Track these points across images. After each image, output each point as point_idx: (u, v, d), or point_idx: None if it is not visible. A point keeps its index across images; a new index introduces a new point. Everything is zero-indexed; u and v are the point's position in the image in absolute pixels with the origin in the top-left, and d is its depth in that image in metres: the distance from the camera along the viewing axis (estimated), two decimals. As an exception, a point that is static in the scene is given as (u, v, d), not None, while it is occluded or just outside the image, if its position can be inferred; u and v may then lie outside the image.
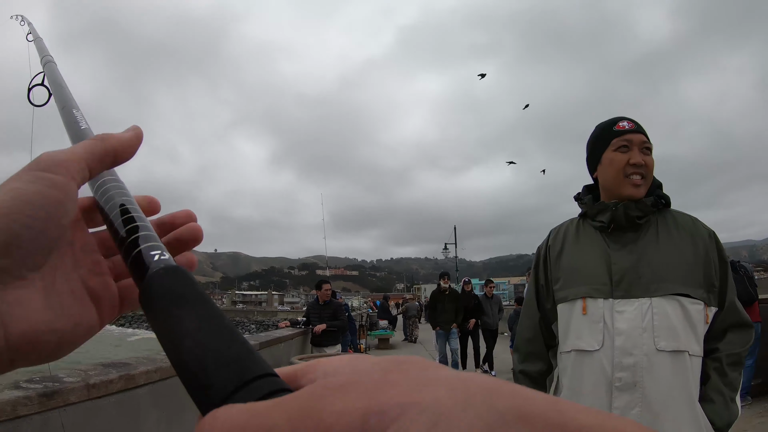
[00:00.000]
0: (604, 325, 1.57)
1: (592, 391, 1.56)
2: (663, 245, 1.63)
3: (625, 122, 1.73)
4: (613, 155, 1.71)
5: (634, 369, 1.50)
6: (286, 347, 6.48)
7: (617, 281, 1.60)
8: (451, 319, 9.97)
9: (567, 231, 1.83)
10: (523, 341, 1.86)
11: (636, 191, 1.66)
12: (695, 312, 1.56)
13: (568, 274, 1.72)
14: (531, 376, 1.79)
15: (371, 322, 18.99)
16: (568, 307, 1.68)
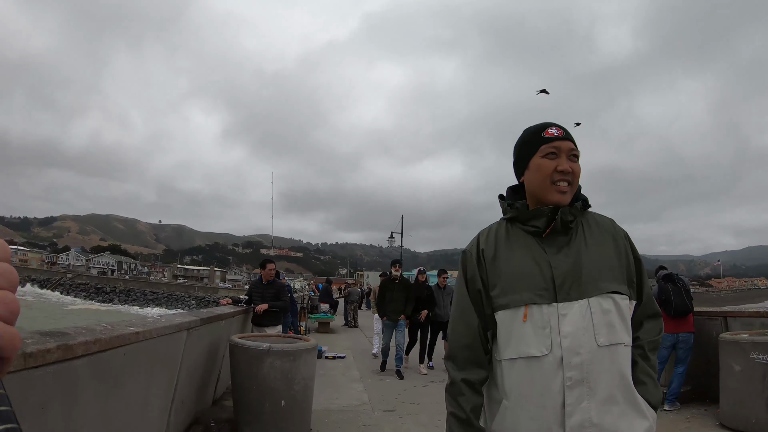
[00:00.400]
0: (550, 330, 1.59)
1: (542, 392, 1.58)
2: (591, 247, 1.69)
3: (553, 129, 1.74)
4: (541, 161, 1.72)
5: (581, 366, 1.56)
6: (227, 325, 6.36)
7: (560, 285, 1.63)
8: (399, 309, 9.44)
9: (497, 234, 1.80)
10: (461, 348, 1.76)
11: (562, 198, 1.69)
12: (625, 307, 1.66)
13: (506, 280, 1.70)
14: (473, 385, 1.72)
15: (312, 305, 18.93)
16: (510, 315, 1.66)
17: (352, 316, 19.98)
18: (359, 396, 7.35)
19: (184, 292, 68.82)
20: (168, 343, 3.99)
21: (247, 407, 4.96)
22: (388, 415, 6.32)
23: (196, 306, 51.20)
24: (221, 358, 6.08)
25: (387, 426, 5.78)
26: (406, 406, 6.76)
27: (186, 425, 4.96)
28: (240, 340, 5.16)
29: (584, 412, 1.55)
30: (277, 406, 4.87)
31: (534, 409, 1.60)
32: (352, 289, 21.32)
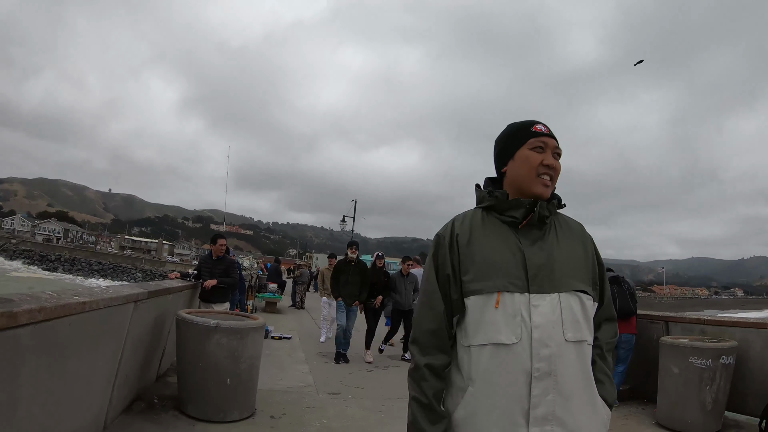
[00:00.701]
0: (521, 319, 1.61)
1: (510, 382, 1.59)
2: (563, 245, 1.75)
3: (541, 126, 1.82)
4: (528, 153, 1.78)
5: (550, 359, 1.59)
6: (175, 299, 6.25)
7: (532, 276, 1.65)
8: (353, 294, 9.17)
9: (473, 221, 1.81)
10: (425, 333, 1.76)
11: (545, 191, 1.76)
12: (589, 307, 1.72)
13: (480, 266, 1.70)
14: (436, 370, 1.71)
15: (260, 284, 18.80)
16: (482, 301, 1.66)
17: (300, 298, 19.93)
18: (304, 378, 7.35)
19: (131, 265, 67.34)
20: (115, 315, 3.91)
21: (192, 384, 4.90)
22: (332, 397, 6.34)
23: (143, 279, 50.23)
24: (167, 333, 5.98)
25: (331, 408, 5.80)
26: (350, 390, 6.80)
27: (129, 401, 4.88)
28: (187, 315, 5.08)
29: (549, 405, 1.58)
30: (222, 384, 4.83)
31: (499, 398, 1.60)
32: (303, 270, 21.25)
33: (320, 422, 5.24)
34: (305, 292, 20.48)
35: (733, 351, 5.60)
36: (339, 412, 5.72)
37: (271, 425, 4.97)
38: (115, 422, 4.41)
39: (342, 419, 5.44)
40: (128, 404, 4.87)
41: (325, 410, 5.71)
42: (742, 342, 5.87)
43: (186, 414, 4.88)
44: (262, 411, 5.32)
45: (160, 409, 4.99)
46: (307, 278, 21.65)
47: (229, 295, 8.03)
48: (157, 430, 4.47)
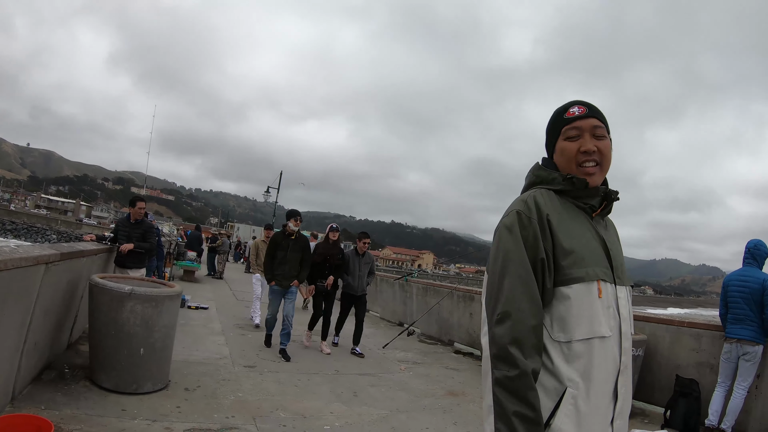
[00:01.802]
0: (613, 311, 1.54)
1: (605, 378, 1.49)
2: (614, 236, 1.71)
3: (575, 108, 1.66)
4: (564, 145, 1.64)
5: (628, 352, 1.57)
6: (88, 263, 6.02)
7: (615, 267, 1.59)
8: (292, 274, 7.72)
9: (553, 203, 1.58)
10: (529, 330, 1.43)
11: (590, 179, 1.60)
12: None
13: (579, 252, 1.52)
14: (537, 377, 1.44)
15: (179, 252, 18.36)
16: (584, 289, 1.49)
17: (221, 268, 19.63)
18: (220, 349, 7.28)
19: (46, 225, 64.62)
20: (23, 277, 3.75)
21: (104, 353, 4.76)
22: (248, 370, 6.32)
23: (57, 241, 48.08)
24: (80, 298, 5.76)
25: (246, 381, 5.79)
26: (266, 363, 6.79)
27: (38, 369, 4.71)
28: (101, 280, 4.90)
29: (624, 398, 1.56)
30: (135, 353, 4.72)
31: (599, 398, 1.49)
32: (224, 239, 20.90)
33: (235, 395, 5.22)
34: (225, 263, 20.16)
35: (642, 344, 5.99)
36: (254, 385, 5.71)
37: (185, 397, 4.91)
38: (23, 393, 4.26)
39: (257, 393, 5.45)
40: (38, 373, 4.70)
41: (240, 383, 5.69)
42: (651, 336, 6.29)
43: (97, 385, 4.75)
44: (176, 383, 5.25)
45: (71, 380, 4.84)
46: (227, 248, 21.30)
47: (145, 260, 7.81)
48: (67, 402, 4.33)
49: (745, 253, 5.55)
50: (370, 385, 6.34)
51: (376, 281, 14.91)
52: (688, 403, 5.67)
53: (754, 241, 5.58)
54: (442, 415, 5.52)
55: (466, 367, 8.28)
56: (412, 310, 11.87)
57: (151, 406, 4.55)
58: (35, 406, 4.07)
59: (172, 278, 15.04)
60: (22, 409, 3.93)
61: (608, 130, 1.66)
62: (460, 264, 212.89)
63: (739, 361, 5.29)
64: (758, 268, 5.46)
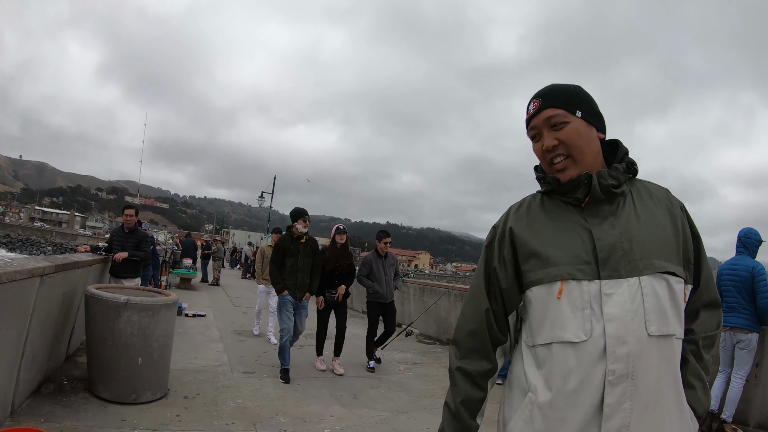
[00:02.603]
0: (591, 312, 1.36)
1: (578, 388, 1.34)
2: (643, 218, 1.45)
3: (531, 105, 1.54)
4: (534, 147, 1.55)
5: (628, 359, 1.32)
6: (84, 274, 6.00)
7: (603, 259, 1.38)
8: (304, 283, 6.69)
9: (531, 207, 1.57)
10: (465, 334, 1.57)
11: (562, 175, 1.48)
12: (680, 291, 1.41)
13: (545, 253, 1.45)
14: (471, 375, 1.53)
15: (175, 260, 18.34)
16: (544, 291, 1.43)
17: (217, 274, 19.61)
18: (218, 356, 7.27)
19: (41, 237, 64.52)
20: (19, 290, 3.75)
21: (102, 364, 4.74)
22: (247, 376, 6.32)
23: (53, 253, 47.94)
24: (76, 310, 5.76)
25: (245, 387, 5.78)
26: (265, 369, 6.79)
27: (37, 382, 4.69)
28: (96, 291, 4.89)
29: (625, 415, 1.31)
30: (133, 363, 4.71)
31: (565, 409, 1.36)
32: (219, 246, 20.89)
33: (235, 402, 5.21)
34: (220, 269, 20.14)
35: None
36: (254, 391, 5.71)
37: (185, 405, 4.91)
38: (23, 406, 4.25)
39: (257, 398, 5.44)
40: (37, 386, 4.69)
41: (240, 389, 5.68)
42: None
43: (97, 396, 4.74)
44: (175, 391, 5.24)
45: (70, 391, 4.83)
46: (223, 254, 21.28)
47: (140, 270, 7.79)
48: (67, 414, 4.32)
49: (737, 242, 5.61)
50: (369, 387, 6.34)
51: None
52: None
53: (744, 229, 5.63)
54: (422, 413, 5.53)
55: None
56: (410, 311, 11.88)
57: (150, 415, 4.55)
58: (35, 420, 4.06)
59: (169, 286, 15.01)
60: (21, 423, 3.92)
61: (577, 107, 1.49)
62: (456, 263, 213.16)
63: (734, 350, 5.33)
64: (749, 256, 5.51)
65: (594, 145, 1.50)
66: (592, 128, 1.50)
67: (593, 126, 1.51)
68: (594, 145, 1.50)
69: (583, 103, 1.51)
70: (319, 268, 6.90)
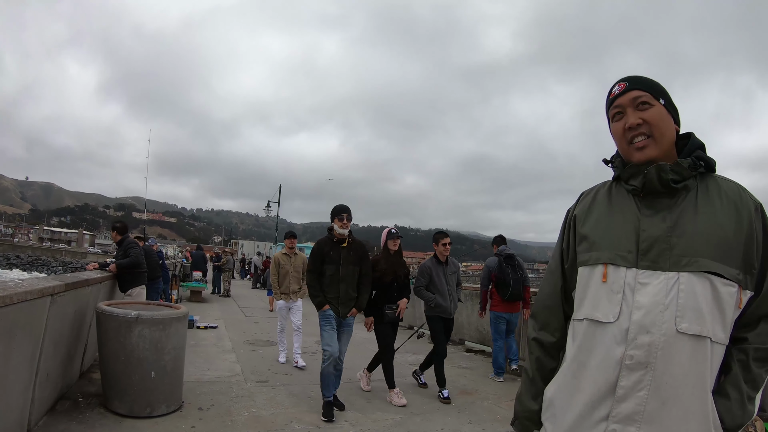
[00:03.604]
0: (623, 297, 1.42)
1: (598, 365, 1.43)
2: (702, 215, 1.44)
3: (616, 87, 1.60)
4: (614, 127, 1.59)
5: (649, 348, 1.36)
6: (94, 291, 6.05)
7: (644, 250, 1.43)
8: (351, 297, 5.58)
9: (598, 193, 1.65)
10: (542, 308, 1.71)
11: (641, 154, 1.51)
12: (727, 294, 1.38)
13: (593, 237, 1.55)
14: (545, 346, 1.67)
15: (185, 273, 18.40)
16: (587, 272, 1.53)
17: (228, 285, 19.65)
18: (231, 367, 7.29)
19: (51, 257, 64.89)
20: (30, 310, 3.78)
21: (115, 379, 4.78)
22: (260, 385, 6.33)
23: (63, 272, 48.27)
24: (88, 327, 5.80)
25: (259, 396, 5.80)
26: (278, 377, 6.81)
27: (52, 400, 4.73)
28: (107, 307, 4.93)
29: (639, 403, 1.36)
30: (146, 377, 4.74)
31: (585, 382, 1.46)
32: (229, 257, 20.96)
33: (249, 411, 5.23)
34: (230, 280, 20.18)
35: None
36: (268, 399, 5.73)
37: (199, 417, 4.93)
38: (39, 424, 4.28)
39: (271, 407, 5.46)
40: (52, 404, 4.72)
41: (254, 399, 5.70)
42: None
43: (112, 411, 4.77)
44: (189, 403, 5.27)
45: (85, 408, 4.86)
46: (232, 265, 21.34)
47: (139, 278, 7.88)
48: (83, 430, 4.36)
49: None
50: (383, 390, 6.34)
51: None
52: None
53: None
54: (456, 414, 5.54)
55: (478, 365, 8.30)
56: (421, 313, 11.81)
57: (165, 428, 4.58)
58: (51, 437, 4.10)
59: (180, 300, 15.06)
60: (38, 441, 3.95)
61: (660, 95, 1.55)
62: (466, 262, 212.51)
63: None
64: None
65: (671, 133, 1.55)
66: (670, 118, 1.56)
67: (672, 117, 1.57)
68: (671, 133, 1.55)
69: (665, 94, 1.57)
70: (369, 279, 5.77)
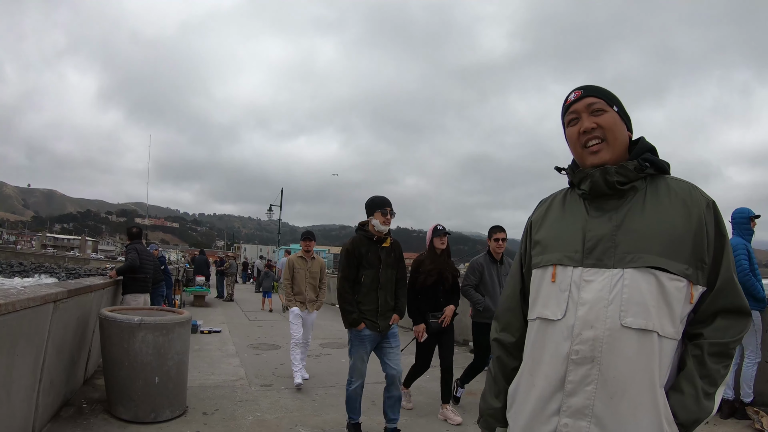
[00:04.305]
0: (569, 294, 1.48)
1: (548, 361, 1.48)
2: (649, 213, 1.48)
3: (572, 94, 1.66)
4: (569, 132, 1.64)
5: (593, 343, 1.40)
6: (97, 297, 6.05)
7: (589, 249, 1.48)
8: (388, 307, 4.73)
9: (554, 200, 1.73)
10: (504, 310, 1.79)
11: (595, 157, 1.57)
12: (674, 289, 1.41)
13: (545, 241, 1.63)
14: (506, 346, 1.74)
15: (188, 278, 18.40)
16: (539, 274, 1.61)
17: (231, 290, 19.65)
18: (235, 371, 7.28)
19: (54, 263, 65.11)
20: (33, 317, 3.78)
21: (119, 385, 4.77)
22: (265, 389, 6.32)
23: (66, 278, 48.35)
24: (92, 333, 5.80)
25: (264, 400, 5.79)
26: (283, 380, 6.79)
27: (56, 407, 4.73)
28: (110, 313, 4.93)
29: (587, 396, 1.40)
30: (150, 382, 4.73)
31: (538, 377, 1.51)
32: (232, 262, 20.97)
33: (254, 415, 5.22)
34: (233, 285, 20.19)
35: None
36: (272, 403, 5.71)
37: (204, 422, 4.92)
38: (43, 431, 4.28)
39: (276, 411, 5.45)
40: (56, 411, 4.72)
41: (258, 403, 5.69)
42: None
43: (116, 417, 4.77)
44: (194, 408, 5.26)
45: (90, 414, 4.86)
46: (235, 270, 21.34)
47: (142, 285, 7.88)
48: (86, 435, 4.34)
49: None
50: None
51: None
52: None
53: (735, 210, 5.64)
54: (462, 415, 5.52)
55: (482, 366, 8.27)
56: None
57: (170, 433, 4.57)
58: (56, 444, 4.09)
59: (183, 305, 15.07)
60: (43, 448, 3.95)
61: (614, 103, 1.61)
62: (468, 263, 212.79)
63: None
64: (737, 235, 5.55)
65: (624, 138, 1.61)
66: (623, 124, 1.62)
67: (625, 123, 1.63)
68: (624, 138, 1.61)
69: (619, 102, 1.64)
70: (405, 282, 5.02)
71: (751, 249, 5.42)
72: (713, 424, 5.21)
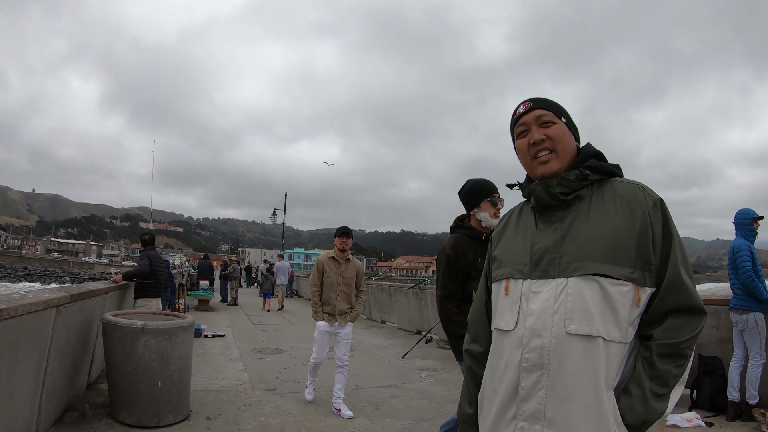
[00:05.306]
0: (519, 306, 1.54)
1: (504, 369, 1.55)
2: (592, 220, 1.51)
3: (520, 107, 1.70)
4: (518, 143, 1.69)
5: (541, 351, 1.45)
6: (100, 302, 6.04)
7: (535, 261, 1.54)
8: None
9: (511, 215, 1.79)
10: (473, 321, 1.86)
11: (545, 168, 1.61)
12: (618, 294, 1.43)
13: (500, 256, 1.70)
14: (475, 356, 1.79)
15: (192, 282, 18.40)
16: (496, 288, 1.68)
17: (235, 294, 19.65)
18: (239, 375, 7.27)
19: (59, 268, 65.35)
20: (35, 321, 3.77)
21: (123, 389, 4.77)
22: (268, 394, 6.31)
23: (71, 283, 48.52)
24: (95, 338, 5.79)
25: (267, 405, 5.78)
26: (286, 385, 6.78)
27: (60, 411, 4.72)
28: (113, 317, 4.93)
29: (539, 402, 1.44)
30: (153, 387, 4.73)
31: (497, 384, 1.57)
32: (235, 266, 20.97)
33: (257, 420, 5.21)
34: (237, 289, 20.18)
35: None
36: (276, 408, 5.70)
37: (207, 426, 4.92)
38: (45, 435, 4.26)
39: (279, 415, 5.44)
40: (60, 415, 4.71)
41: (262, 407, 5.68)
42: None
43: (119, 421, 4.76)
44: (197, 412, 5.25)
45: (93, 419, 4.85)
46: (239, 274, 21.34)
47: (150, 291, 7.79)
48: (88, 440, 4.33)
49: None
50: (391, 396, 6.32)
51: (390, 291, 14.80)
52: (712, 381, 5.65)
53: (738, 211, 5.63)
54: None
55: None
56: (429, 317, 11.80)
57: (174, 438, 4.56)
58: (59, 449, 4.08)
59: (187, 309, 15.07)
60: (46, 454, 3.94)
61: (562, 114, 1.67)
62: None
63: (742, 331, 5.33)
64: (741, 236, 5.53)
65: (572, 148, 1.66)
66: (572, 135, 1.68)
67: (573, 134, 1.69)
68: (572, 148, 1.66)
69: (566, 113, 1.70)
70: None
71: (754, 250, 5.40)
72: (719, 427, 5.18)
